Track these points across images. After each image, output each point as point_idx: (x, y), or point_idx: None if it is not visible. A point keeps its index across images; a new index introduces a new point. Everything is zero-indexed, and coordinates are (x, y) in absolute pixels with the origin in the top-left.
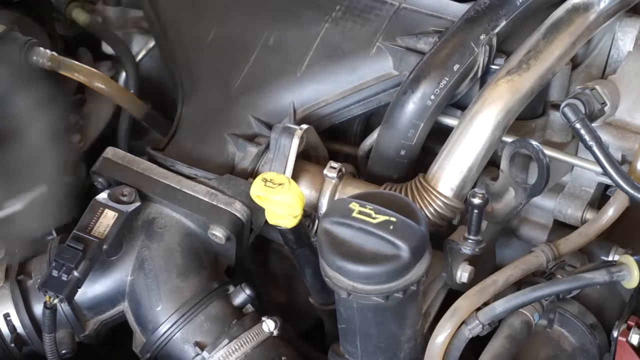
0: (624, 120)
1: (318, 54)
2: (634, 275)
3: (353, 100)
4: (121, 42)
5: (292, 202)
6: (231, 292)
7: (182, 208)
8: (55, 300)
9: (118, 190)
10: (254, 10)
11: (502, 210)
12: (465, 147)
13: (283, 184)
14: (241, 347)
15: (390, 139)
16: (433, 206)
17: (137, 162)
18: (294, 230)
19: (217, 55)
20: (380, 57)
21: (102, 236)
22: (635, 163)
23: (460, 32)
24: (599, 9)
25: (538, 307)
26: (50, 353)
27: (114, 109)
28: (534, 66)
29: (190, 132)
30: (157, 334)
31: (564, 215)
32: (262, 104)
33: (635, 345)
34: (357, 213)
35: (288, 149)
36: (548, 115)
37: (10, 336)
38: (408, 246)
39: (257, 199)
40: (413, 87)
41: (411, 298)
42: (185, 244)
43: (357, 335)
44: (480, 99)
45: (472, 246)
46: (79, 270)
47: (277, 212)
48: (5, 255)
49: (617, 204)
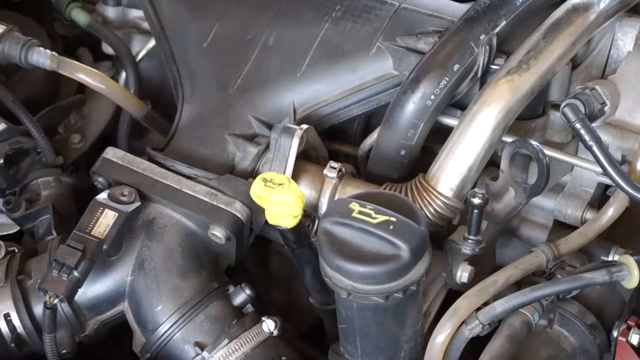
0: (624, 120)
1: (318, 54)
2: (634, 275)
3: (353, 100)
4: (121, 42)
5: (292, 202)
6: (231, 292)
7: (182, 208)
8: (55, 300)
9: (118, 190)
10: (253, 10)
11: (502, 210)
12: (465, 147)
13: (283, 184)
14: (241, 347)
15: (390, 139)
16: (433, 206)
17: (137, 162)
18: (294, 230)
19: (217, 55)
20: (380, 57)
21: (102, 236)
22: (635, 163)
23: (460, 32)
24: (599, 9)
25: (538, 307)
26: (50, 353)
27: (114, 109)
28: (534, 66)
29: (190, 132)
30: (157, 334)
31: (564, 215)
32: (262, 104)
33: (635, 345)
34: (357, 213)
35: (288, 149)
36: (548, 115)
37: (10, 336)
38: (408, 246)
39: (257, 199)
40: (413, 87)
41: (411, 298)
42: (185, 244)
43: (357, 335)
44: (480, 99)
45: (472, 246)
46: (79, 270)
47: (277, 212)
48: (5, 255)
49: (617, 204)
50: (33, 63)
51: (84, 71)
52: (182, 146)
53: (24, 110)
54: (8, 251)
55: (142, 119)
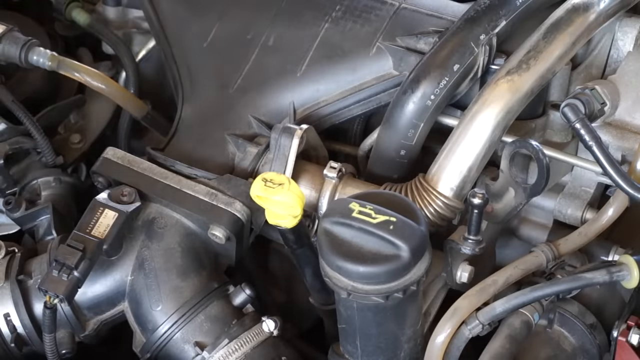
0: (624, 120)
1: (318, 54)
2: (634, 275)
3: (353, 100)
4: (121, 42)
5: (292, 202)
6: (231, 292)
7: (182, 208)
8: (55, 300)
9: (118, 190)
10: (254, 10)
11: (502, 210)
12: (465, 147)
13: (283, 184)
14: (241, 347)
15: (390, 139)
16: (433, 206)
17: (137, 162)
18: (294, 230)
19: (217, 55)
20: (380, 57)
21: (102, 236)
22: (635, 163)
23: (460, 32)
24: (599, 9)
25: (538, 307)
26: (50, 353)
27: (114, 109)
28: (534, 66)
29: (190, 132)
30: (157, 334)
31: (564, 215)
32: (262, 104)
33: (635, 345)
34: (357, 213)
35: (288, 149)
36: (548, 115)
37: (10, 336)
38: (408, 246)
39: (257, 199)
40: (413, 87)
41: (411, 298)
42: (185, 244)
43: (357, 335)
44: (480, 99)
45: (472, 246)
46: (79, 270)
47: (277, 212)
48: (5, 255)
49: (617, 204)
50: (33, 63)
51: (84, 71)
52: (182, 146)
53: (24, 110)
54: (8, 251)
55: (142, 119)
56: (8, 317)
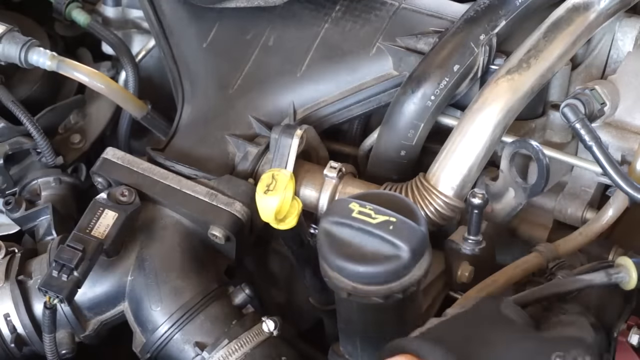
0: (624, 120)
1: (318, 54)
2: (632, 277)
3: (353, 100)
4: (121, 42)
5: (282, 207)
6: (231, 292)
7: (182, 208)
8: (55, 300)
9: (118, 190)
10: (253, 10)
11: (502, 210)
12: (466, 146)
13: (283, 185)
14: (241, 347)
15: (390, 139)
16: (434, 205)
17: (137, 162)
18: (294, 230)
19: (217, 56)
20: (380, 57)
21: (102, 236)
22: (635, 163)
23: (460, 32)
24: (599, 9)
25: None
26: (50, 353)
27: (114, 109)
28: (534, 65)
29: (190, 132)
30: (157, 334)
31: (564, 215)
32: (262, 105)
33: (635, 345)
34: (357, 213)
35: (288, 149)
36: (548, 115)
37: (10, 336)
38: (408, 246)
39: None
40: (413, 87)
41: (411, 298)
42: (185, 244)
43: (357, 335)
44: (480, 98)
45: (472, 246)
46: (79, 271)
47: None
48: (5, 255)
49: (617, 204)
50: (33, 63)
51: (84, 71)
52: (182, 146)
53: (24, 110)
54: (8, 251)
55: (142, 119)
56: (8, 317)
